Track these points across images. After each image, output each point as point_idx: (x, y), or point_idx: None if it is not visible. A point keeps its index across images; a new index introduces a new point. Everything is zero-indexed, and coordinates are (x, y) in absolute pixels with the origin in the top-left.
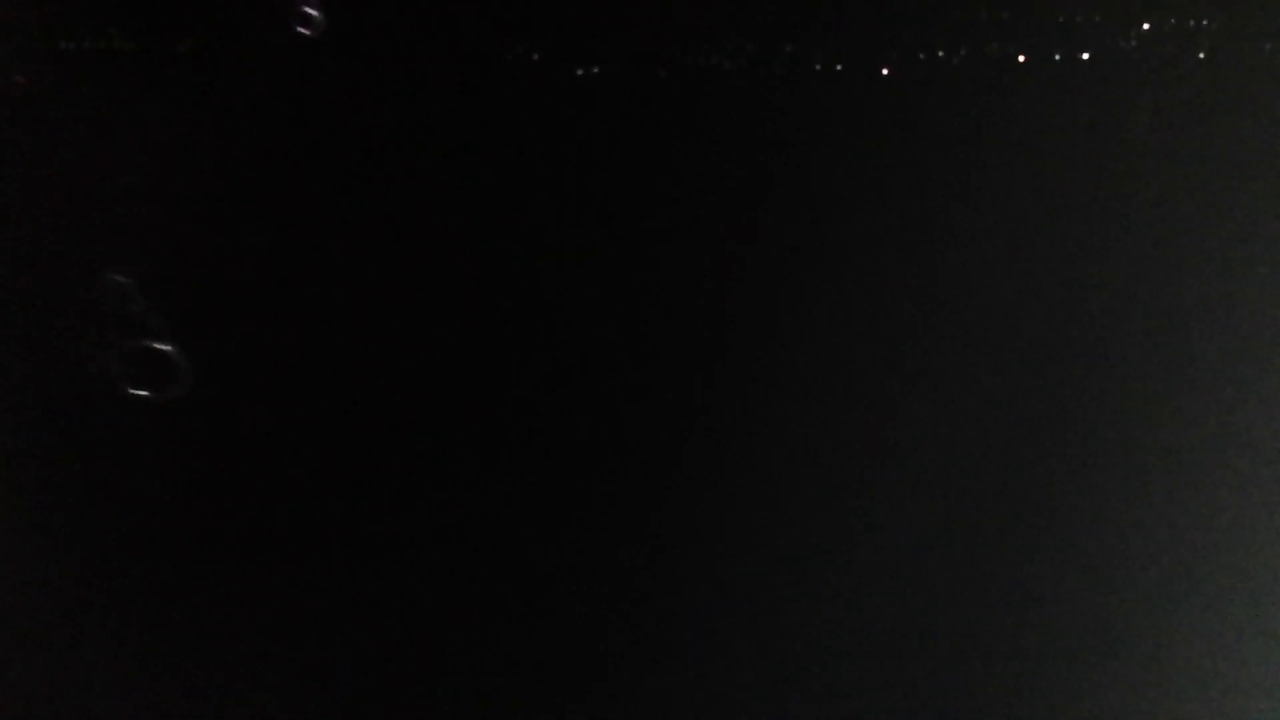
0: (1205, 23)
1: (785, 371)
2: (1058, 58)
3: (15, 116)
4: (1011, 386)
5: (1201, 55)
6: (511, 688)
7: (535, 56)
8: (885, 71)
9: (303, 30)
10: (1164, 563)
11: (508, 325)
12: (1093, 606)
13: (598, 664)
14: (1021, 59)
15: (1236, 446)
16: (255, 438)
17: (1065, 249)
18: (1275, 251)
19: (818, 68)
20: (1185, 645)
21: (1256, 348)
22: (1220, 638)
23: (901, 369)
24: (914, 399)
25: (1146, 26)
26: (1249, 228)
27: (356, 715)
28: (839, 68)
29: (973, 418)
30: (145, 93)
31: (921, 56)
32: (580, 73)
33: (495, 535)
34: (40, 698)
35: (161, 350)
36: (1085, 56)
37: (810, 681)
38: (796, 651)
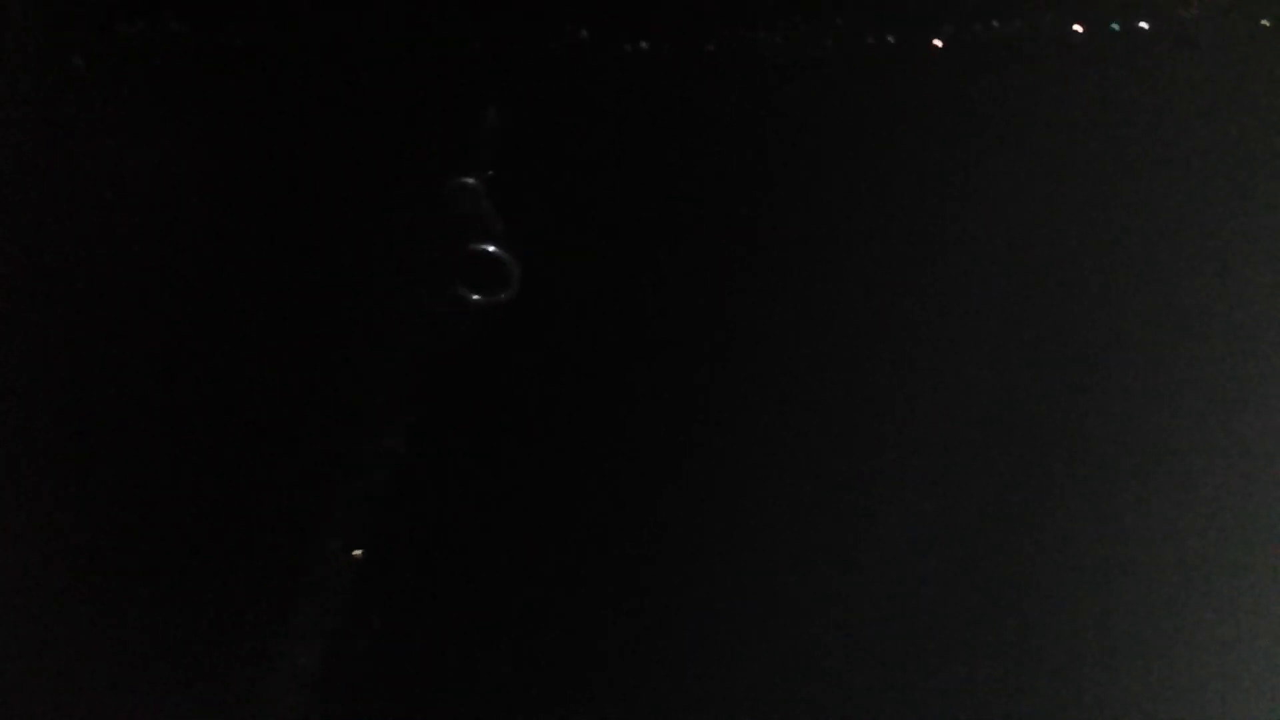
0: None
1: (818, 362)
2: (1115, 28)
3: None
4: (1034, 377)
5: (1265, 23)
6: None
7: (584, 34)
8: (937, 43)
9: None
10: (1165, 562)
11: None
12: (1093, 607)
13: (596, 664)
14: (1078, 29)
15: (1237, 446)
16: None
17: (1121, 231)
18: None
19: (869, 40)
20: (1186, 645)
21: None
22: (1221, 638)
23: (925, 363)
24: (925, 392)
25: None
26: None
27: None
28: (890, 40)
29: (975, 414)
30: None
31: (976, 27)
32: (629, 49)
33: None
34: None
35: (497, 253)
36: (1144, 26)
37: (809, 682)
38: (795, 651)
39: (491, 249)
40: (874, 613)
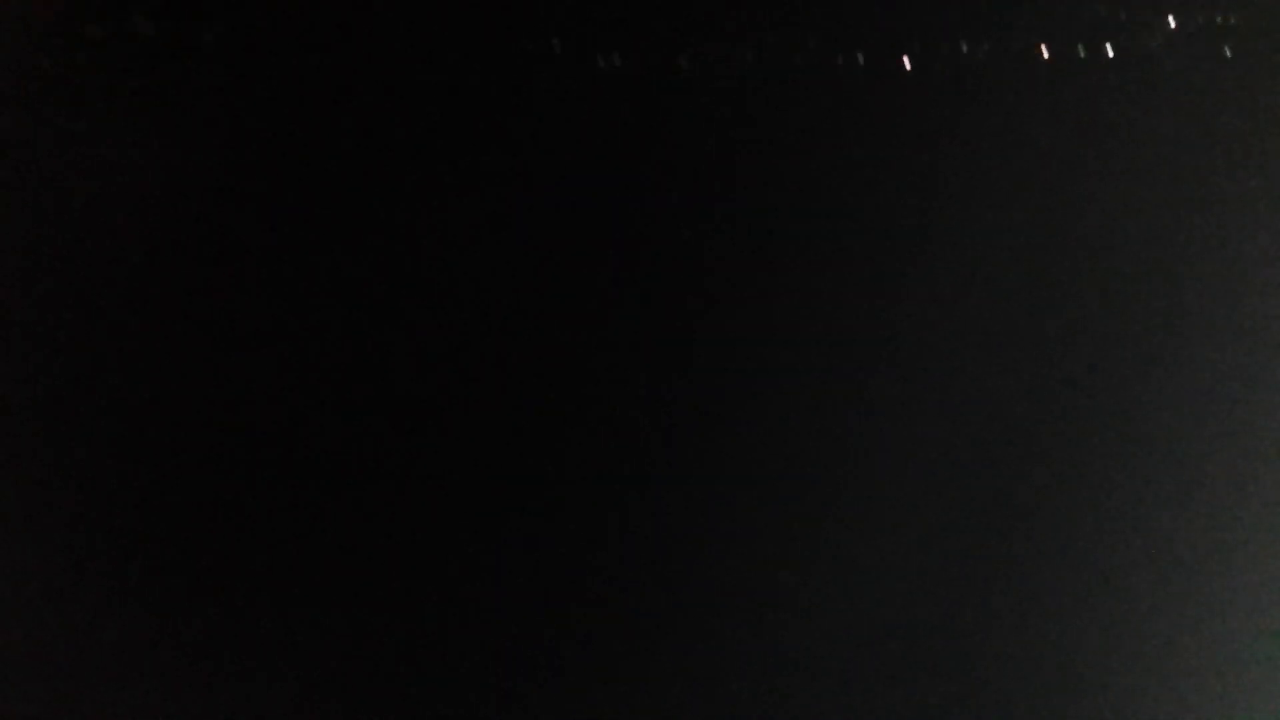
0: (1232, 20)
1: (790, 374)
2: (1081, 53)
3: None
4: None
5: (1228, 53)
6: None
7: (557, 47)
8: (906, 65)
9: None
10: (1164, 563)
11: (517, 326)
12: (1092, 607)
13: (589, 663)
14: (1045, 54)
15: (1236, 446)
16: None
17: (1082, 249)
18: None
19: (839, 61)
20: (1185, 645)
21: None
22: (1221, 638)
23: (899, 372)
24: (918, 399)
25: (1173, 23)
26: (1273, 230)
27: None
28: (860, 60)
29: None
30: None
31: (944, 49)
32: (602, 64)
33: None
34: None
35: None
36: (1109, 52)
37: (805, 682)
38: (792, 652)
39: None
40: (872, 612)
